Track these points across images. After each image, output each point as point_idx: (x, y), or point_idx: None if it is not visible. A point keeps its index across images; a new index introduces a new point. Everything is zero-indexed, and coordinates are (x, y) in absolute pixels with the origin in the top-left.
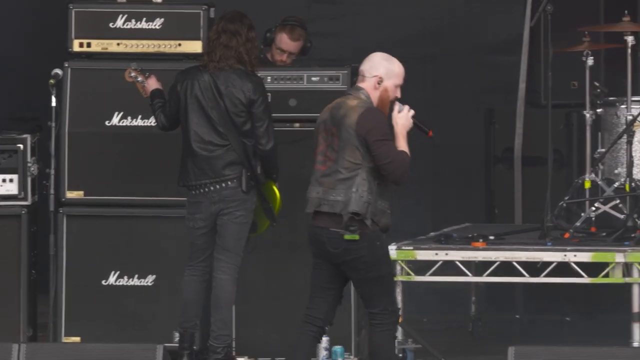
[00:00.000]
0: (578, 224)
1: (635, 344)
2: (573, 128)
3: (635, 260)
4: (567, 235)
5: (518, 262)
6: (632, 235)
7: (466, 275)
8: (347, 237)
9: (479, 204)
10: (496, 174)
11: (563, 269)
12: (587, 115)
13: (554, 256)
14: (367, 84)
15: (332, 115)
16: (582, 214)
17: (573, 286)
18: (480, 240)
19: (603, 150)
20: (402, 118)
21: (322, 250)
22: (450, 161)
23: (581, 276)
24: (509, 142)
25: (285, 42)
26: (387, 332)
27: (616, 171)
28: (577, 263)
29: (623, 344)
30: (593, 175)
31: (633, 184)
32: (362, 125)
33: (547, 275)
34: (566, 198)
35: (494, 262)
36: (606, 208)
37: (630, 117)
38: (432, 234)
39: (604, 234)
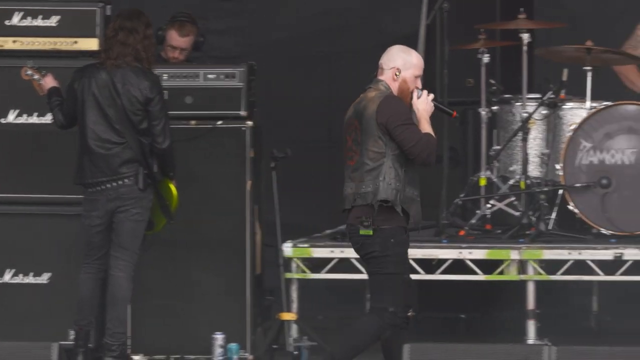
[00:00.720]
0: (473, 221)
1: (530, 341)
2: (468, 125)
3: (530, 258)
4: (462, 232)
5: (414, 259)
6: (527, 232)
7: (361, 272)
8: (362, 232)
9: None
10: None
11: (458, 266)
12: (483, 112)
13: (449, 253)
14: (386, 76)
15: (355, 110)
16: (478, 212)
17: (468, 283)
18: None
19: (498, 147)
20: (422, 103)
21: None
22: None
23: (476, 273)
24: None
25: (175, 38)
26: (374, 326)
27: (511, 168)
28: (472, 260)
29: (518, 341)
30: (488, 172)
31: (528, 181)
32: (382, 113)
33: (442, 273)
34: (461, 195)
35: None
36: (501, 205)
37: (525, 115)
38: (328, 231)
39: (499, 231)
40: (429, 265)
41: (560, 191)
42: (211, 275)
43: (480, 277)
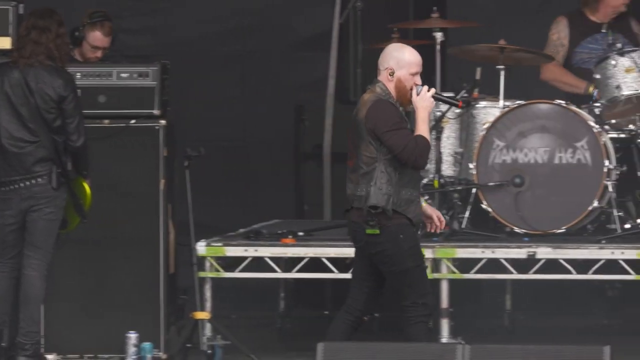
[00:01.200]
0: None
1: (444, 340)
2: None
3: (444, 256)
4: None
5: (327, 258)
6: (441, 231)
7: (275, 271)
8: (369, 231)
9: (289, 200)
10: (305, 171)
11: None
12: None
13: None
14: (382, 77)
15: (354, 112)
16: None
17: None
18: (290, 236)
19: None
20: (421, 100)
21: (354, 244)
22: (260, 157)
23: None
24: (318, 139)
25: (100, 39)
26: (420, 324)
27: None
28: None
29: (432, 339)
30: None
31: (442, 180)
32: (369, 119)
33: None
34: None
35: (303, 258)
36: None
37: (439, 114)
38: (241, 230)
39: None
40: (343, 264)
41: (474, 190)
42: (125, 274)
43: None
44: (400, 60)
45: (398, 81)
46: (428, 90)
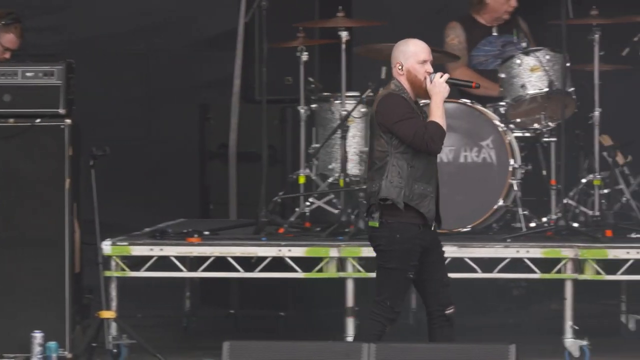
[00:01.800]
0: (292, 219)
1: (349, 339)
2: (287, 124)
3: (349, 255)
4: (281, 230)
5: (233, 257)
6: (346, 230)
7: (181, 270)
8: (370, 223)
9: (194, 199)
10: (211, 170)
11: (278, 263)
12: (302, 110)
13: (268, 251)
14: (394, 73)
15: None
16: (297, 209)
17: (288, 281)
18: (195, 235)
19: (317, 145)
20: (435, 87)
21: None
22: (165, 156)
23: (296, 271)
24: (223, 138)
25: (13, 41)
26: (377, 323)
27: (330, 166)
28: (291, 258)
29: (338, 338)
30: (307, 170)
31: (347, 179)
32: (379, 113)
33: (261, 270)
34: (281, 193)
35: (209, 257)
36: (320, 203)
37: (344, 113)
38: (147, 229)
39: (319, 229)
40: (248, 263)
41: None
42: (30, 274)
43: (300, 274)
44: (406, 51)
45: (408, 73)
46: (441, 77)
